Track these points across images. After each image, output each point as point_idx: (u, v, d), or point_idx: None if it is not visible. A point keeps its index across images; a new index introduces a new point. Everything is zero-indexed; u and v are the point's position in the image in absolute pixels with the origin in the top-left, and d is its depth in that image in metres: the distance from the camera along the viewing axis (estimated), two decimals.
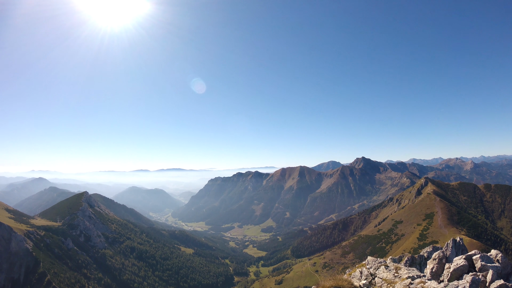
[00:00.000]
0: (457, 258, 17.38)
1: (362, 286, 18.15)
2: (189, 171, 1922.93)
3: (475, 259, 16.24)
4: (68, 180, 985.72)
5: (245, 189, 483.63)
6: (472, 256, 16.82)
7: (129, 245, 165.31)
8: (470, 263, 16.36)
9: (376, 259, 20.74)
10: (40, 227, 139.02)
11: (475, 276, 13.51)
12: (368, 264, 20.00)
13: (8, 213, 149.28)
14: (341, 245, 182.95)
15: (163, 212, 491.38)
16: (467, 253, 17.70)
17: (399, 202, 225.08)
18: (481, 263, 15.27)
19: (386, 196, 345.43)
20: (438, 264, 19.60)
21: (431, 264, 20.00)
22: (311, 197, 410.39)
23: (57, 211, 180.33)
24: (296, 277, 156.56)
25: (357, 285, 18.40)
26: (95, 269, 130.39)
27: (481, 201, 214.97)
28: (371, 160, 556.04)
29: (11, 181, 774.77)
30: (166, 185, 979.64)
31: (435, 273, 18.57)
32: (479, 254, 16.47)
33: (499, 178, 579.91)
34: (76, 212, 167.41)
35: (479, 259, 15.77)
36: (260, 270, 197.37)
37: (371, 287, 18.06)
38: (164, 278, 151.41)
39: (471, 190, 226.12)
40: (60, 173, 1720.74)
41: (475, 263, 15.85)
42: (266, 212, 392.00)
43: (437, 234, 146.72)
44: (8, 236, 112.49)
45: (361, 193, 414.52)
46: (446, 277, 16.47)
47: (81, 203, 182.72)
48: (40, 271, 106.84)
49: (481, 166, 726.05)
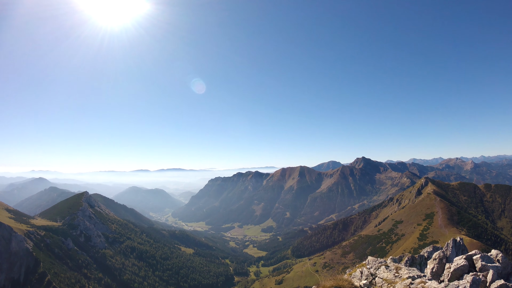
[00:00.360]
0: (457, 258, 17.37)
1: (362, 286, 18.14)
2: (189, 171, 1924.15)
3: (475, 259, 16.23)
4: (68, 180, 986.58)
5: (245, 189, 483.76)
6: (473, 256, 16.81)
7: (129, 245, 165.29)
8: (470, 263, 16.36)
9: (377, 259, 20.72)
10: (40, 227, 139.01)
11: (475, 276, 13.50)
12: (369, 264, 19.99)
13: (8, 213, 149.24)
14: (341, 245, 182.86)
15: (163, 212, 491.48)
16: (468, 253, 17.69)
17: (399, 202, 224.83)
18: (482, 263, 15.27)
19: (386, 196, 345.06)
20: (439, 264, 19.59)
21: (432, 264, 19.99)
22: (311, 197, 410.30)
23: (57, 211, 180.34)
24: (296, 277, 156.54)
25: (357, 285, 18.39)
26: (95, 269, 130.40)
27: (481, 201, 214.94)
28: (371, 160, 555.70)
29: (11, 181, 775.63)
30: (166, 185, 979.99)
31: (436, 273, 18.56)
32: (480, 254, 16.46)
33: (499, 178, 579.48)
34: (76, 212, 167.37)
35: (479, 259, 15.77)
36: (260, 270, 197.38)
37: (371, 287, 18.05)
38: (164, 278, 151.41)
39: (471, 190, 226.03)
40: (60, 173, 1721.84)
41: (475, 263, 15.84)
42: (266, 212, 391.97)
43: (437, 234, 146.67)
44: (9, 236, 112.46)
45: (361, 193, 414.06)
46: (446, 277, 16.45)
47: (81, 203, 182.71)
48: (40, 271, 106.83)
49: (481, 166, 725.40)
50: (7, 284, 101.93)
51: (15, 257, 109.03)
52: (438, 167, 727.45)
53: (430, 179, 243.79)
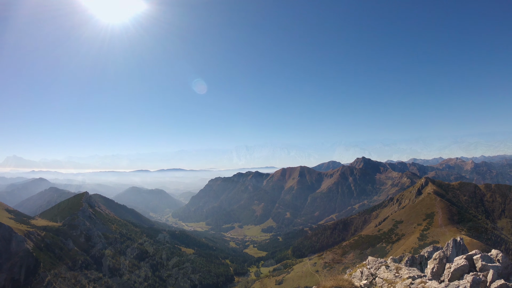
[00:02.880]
0: (457, 258, 17.34)
1: (362, 286, 18.14)
2: (190, 171, 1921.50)
3: (475, 259, 16.22)
4: (68, 180, 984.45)
5: (246, 189, 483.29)
6: (473, 256, 16.79)
7: (129, 245, 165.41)
8: (470, 263, 16.34)
9: (377, 259, 20.72)
10: (40, 227, 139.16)
11: (476, 276, 13.50)
12: (369, 264, 19.99)
13: (8, 214, 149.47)
14: (342, 245, 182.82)
15: (163, 212, 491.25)
16: (468, 253, 17.67)
17: (399, 202, 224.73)
18: (482, 263, 15.25)
19: (387, 196, 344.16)
20: (439, 264, 19.56)
21: (432, 264, 19.96)
22: (312, 197, 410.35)
23: (57, 211, 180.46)
24: (297, 277, 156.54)
25: (357, 285, 18.39)
26: (95, 269, 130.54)
27: (481, 201, 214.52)
28: (371, 160, 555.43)
29: (12, 181, 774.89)
30: (166, 185, 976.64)
31: (436, 273, 18.55)
32: (480, 254, 16.45)
33: (500, 177, 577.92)
34: (76, 213, 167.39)
35: (479, 259, 15.76)
36: (261, 270, 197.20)
37: (371, 287, 18.05)
38: (165, 278, 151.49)
39: (472, 190, 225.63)
40: (61, 173, 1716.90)
41: (475, 263, 15.83)
42: (267, 212, 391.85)
43: (437, 234, 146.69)
44: (9, 236, 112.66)
45: (361, 193, 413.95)
46: (447, 277, 16.43)
47: (81, 203, 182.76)
48: (41, 272, 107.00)
49: (481, 166, 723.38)
50: (7, 284, 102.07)
51: (16, 257, 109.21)
52: (438, 167, 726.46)
53: (430, 179, 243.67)
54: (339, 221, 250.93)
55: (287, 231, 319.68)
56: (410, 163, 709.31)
